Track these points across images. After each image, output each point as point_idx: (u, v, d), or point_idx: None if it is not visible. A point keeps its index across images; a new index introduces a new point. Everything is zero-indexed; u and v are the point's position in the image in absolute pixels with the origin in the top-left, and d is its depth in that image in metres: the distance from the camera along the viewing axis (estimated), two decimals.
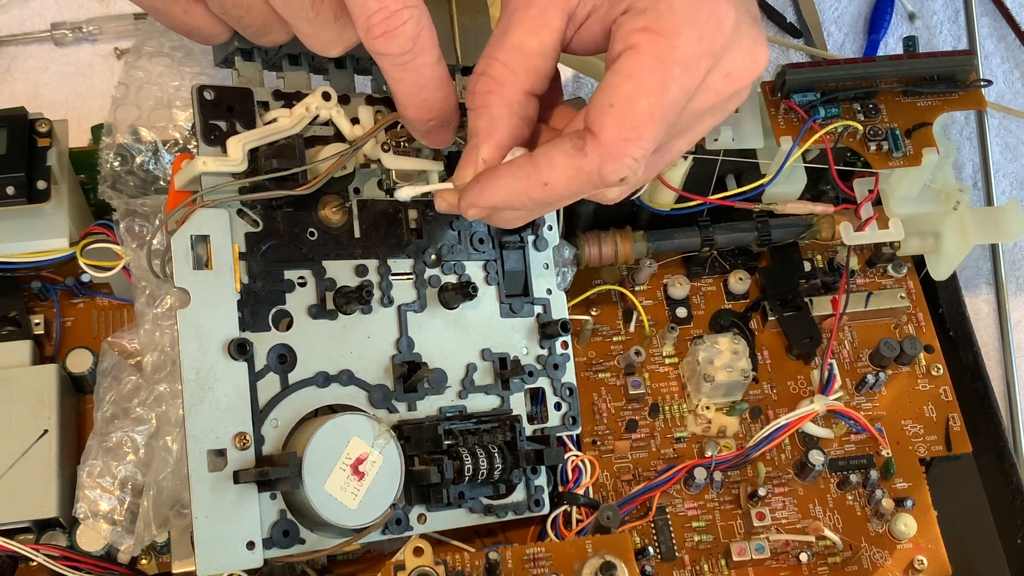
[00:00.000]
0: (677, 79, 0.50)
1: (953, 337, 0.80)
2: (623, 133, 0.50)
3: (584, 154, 0.51)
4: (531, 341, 0.69)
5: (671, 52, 0.50)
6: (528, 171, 0.52)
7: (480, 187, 0.54)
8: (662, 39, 0.50)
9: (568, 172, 0.51)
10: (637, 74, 0.50)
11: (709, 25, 0.50)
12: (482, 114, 0.53)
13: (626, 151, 0.50)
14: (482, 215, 0.55)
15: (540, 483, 0.67)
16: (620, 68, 0.50)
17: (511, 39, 0.52)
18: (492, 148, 0.54)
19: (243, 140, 0.60)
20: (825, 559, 0.71)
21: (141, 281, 0.66)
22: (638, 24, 0.50)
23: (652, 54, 0.50)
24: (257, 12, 0.55)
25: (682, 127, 0.54)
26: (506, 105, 0.53)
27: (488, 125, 0.53)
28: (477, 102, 0.53)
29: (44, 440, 0.66)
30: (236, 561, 0.58)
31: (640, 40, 0.50)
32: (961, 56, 0.74)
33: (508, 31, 0.52)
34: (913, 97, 0.75)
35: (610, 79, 0.50)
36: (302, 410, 0.61)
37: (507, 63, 0.52)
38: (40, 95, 0.87)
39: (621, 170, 0.51)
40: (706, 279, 0.80)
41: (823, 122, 0.72)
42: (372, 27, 0.51)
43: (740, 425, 0.75)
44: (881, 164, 0.73)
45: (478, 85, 0.53)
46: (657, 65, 0.50)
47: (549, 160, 0.52)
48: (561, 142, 0.52)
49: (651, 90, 0.50)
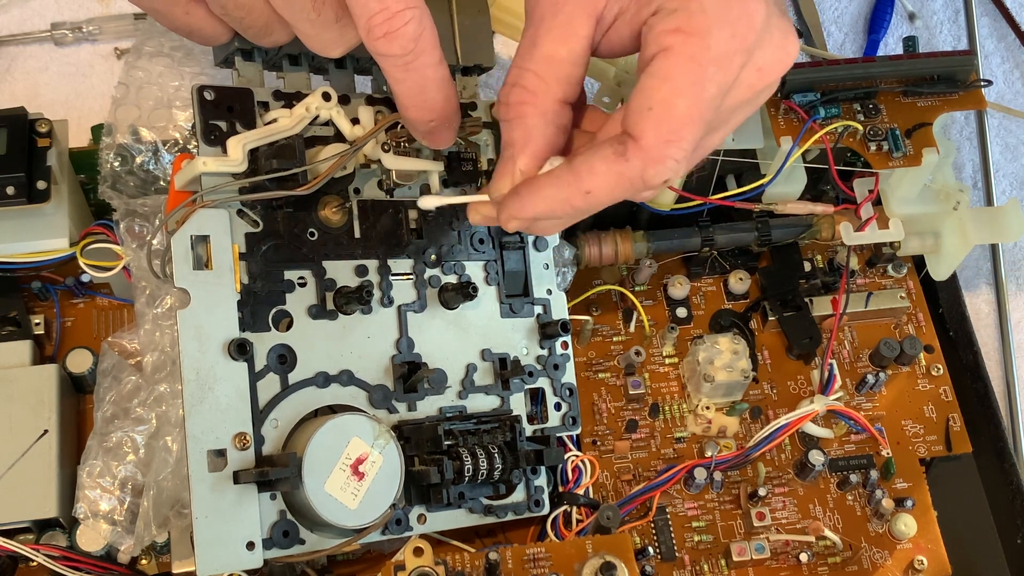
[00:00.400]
0: (712, 77, 0.50)
1: (953, 337, 0.80)
2: (664, 136, 0.50)
3: (626, 159, 0.50)
4: (531, 341, 0.69)
5: (705, 51, 0.49)
6: (569, 180, 0.52)
7: (521, 199, 0.53)
8: (695, 39, 0.49)
9: (611, 179, 0.51)
10: (673, 76, 0.50)
11: (741, 22, 0.50)
12: (517, 125, 0.53)
13: (668, 153, 0.50)
14: (522, 226, 0.55)
15: (540, 483, 0.67)
16: (655, 71, 0.50)
17: (541, 49, 0.52)
18: (529, 159, 0.53)
19: (243, 140, 0.60)
20: (825, 559, 0.71)
21: (141, 281, 0.66)
22: (669, 25, 0.50)
23: (686, 55, 0.49)
24: (258, 13, 0.55)
25: (717, 124, 0.54)
26: (541, 115, 0.53)
27: (524, 136, 0.53)
28: (511, 113, 0.53)
29: (44, 440, 0.66)
30: (236, 561, 0.58)
31: (673, 41, 0.50)
32: (961, 56, 0.74)
33: (537, 41, 0.52)
34: (913, 97, 0.75)
35: (645, 82, 0.50)
36: (302, 410, 0.61)
37: (539, 73, 0.52)
38: (40, 95, 0.87)
39: (664, 173, 0.51)
40: (706, 279, 0.80)
41: (823, 122, 0.72)
42: (374, 28, 0.51)
43: (740, 425, 0.75)
44: (881, 164, 0.73)
45: (511, 96, 0.53)
46: (692, 65, 0.49)
47: (590, 168, 0.51)
48: (601, 149, 0.51)
49: (688, 91, 0.50)
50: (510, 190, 0.54)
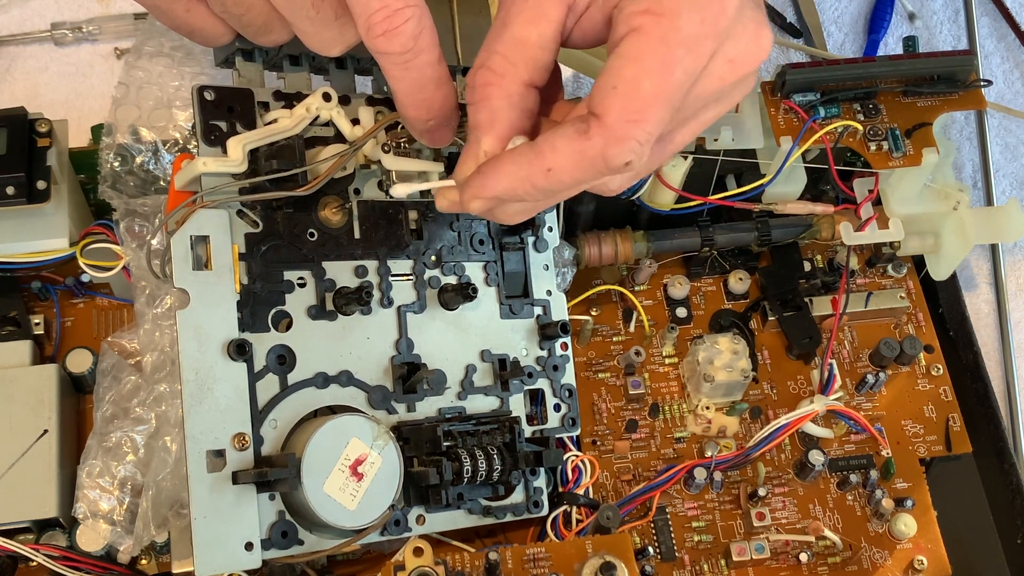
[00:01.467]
0: (681, 60, 0.49)
1: (953, 337, 0.80)
2: (628, 115, 0.49)
3: (588, 137, 0.50)
4: (531, 342, 0.69)
5: (674, 33, 0.49)
6: (530, 157, 0.51)
7: (482, 177, 0.53)
8: (664, 20, 0.49)
9: (572, 157, 0.51)
10: (640, 56, 0.49)
11: (712, 7, 0.50)
12: (482, 107, 0.53)
13: (631, 133, 0.49)
14: (485, 207, 0.54)
15: (539, 484, 0.67)
16: (623, 51, 0.50)
17: (510, 31, 0.52)
18: (493, 140, 0.53)
19: (243, 141, 0.60)
20: (825, 559, 0.71)
21: (141, 281, 0.66)
22: (640, 6, 0.49)
23: (655, 35, 0.49)
24: (258, 11, 0.55)
25: (686, 115, 0.53)
26: (506, 97, 0.52)
27: (488, 117, 0.53)
28: (477, 95, 0.53)
29: (44, 440, 0.66)
30: (235, 562, 0.58)
31: (642, 22, 0.49)
32: (961, 56, 0.74)
33: (507, 23, 0.52)
34: (913, 97, 0.75)
35: (613, 62, 0.50)
36: (301, 411, 0.61)
37: (506, 55, 0.52)
38: (40, 95, 0.87)
39: (626, 153, 0.50)
40: (706, 279, 0.80)
41: (823, 122, 0.72)
42: (373, 26, 0.51)
43: (740, 425, 0.75)
44: (881, 164, 0.73)
45: (477, 78, 0.53)
46: (660, 46, 0.49)
47: (552, 146, 0.51)
48: (564, 127, 0.51)
49: (655, 71, 0.49)
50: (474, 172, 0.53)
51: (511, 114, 0.53)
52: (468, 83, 0.53)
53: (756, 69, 0.53)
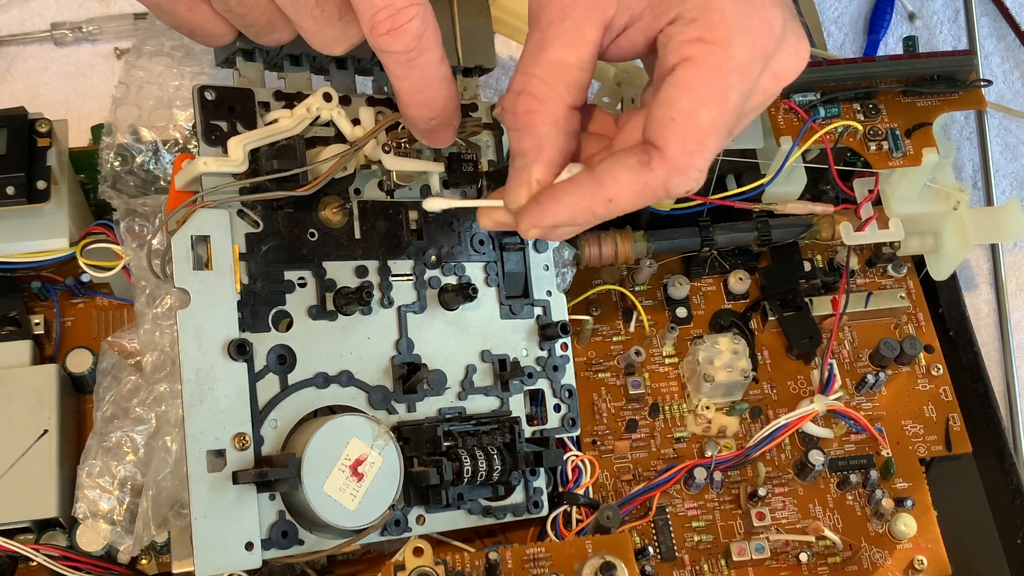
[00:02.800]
0: (735, 87, 0.50)
1: (953, 337, 0.80)
2: (688, 146, 0.50)
3: (651, 170, 0.50)
4: (531, 343, 0.69)
5: (727, 61, 0.50)
6: (593, 189, 0.52)
7: (542, 207, 0.53)
8: (717, 48, 0.49)
9: (634, 188, 0.51)
10: (696, 86, 0.50)
11: (762, 31, 0.50)
12: (527, 134, 0.53)
13: (692, 164, 0.50)
14: (542, 234, 0.55)
15: (539, 485, 0.67)
16: (678, 80, 0.50)
17: (548, 54, 0.51)
18: (544, 168, 0.53)
19: (244, 140, 0.60)
20: (825, 559, 0.71)
21: (141, 281, 0.66)
22: (691, 35, 0.50)
23: (709, 64, 0.49)
24: (261, 10, 0.55)
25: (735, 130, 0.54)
26: (552, 123, 0.52)
27: (536, 145, 0.53)
28: (520, 122, 0.52)
29: (44, 440, 0.66)
30: (235, 562, 0.58)
31: (695, 52, 0.50)
32: (961, 56, 0.74)
33: (544, 46, 0.52)
34: (913, 97, 0.75)
35: (668, 92, 0.50)
36: (301, 411, 0.61)
37: (546, 80, 0.52)
38: (40, 95, 0.87)
39: (687, 183, 0.51)
40: (706, 279, 0.80)
41: (823, 122, 0.72)
42: (377, 24, 0.51)
43: (740, 425, 0.75)
44: (881, 164, 0.73)
45: (520, 105, 0.52)
46: (715, 75, 0.50)
47: (613, 177, 0.51)
48: (624, 158, 0.51)
49: (712, 101, 0.50)
50: (531, 199, 0.53)
51: (559, 140, 0.53)
52: (507, 108, 0.53)
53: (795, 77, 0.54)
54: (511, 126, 0.53)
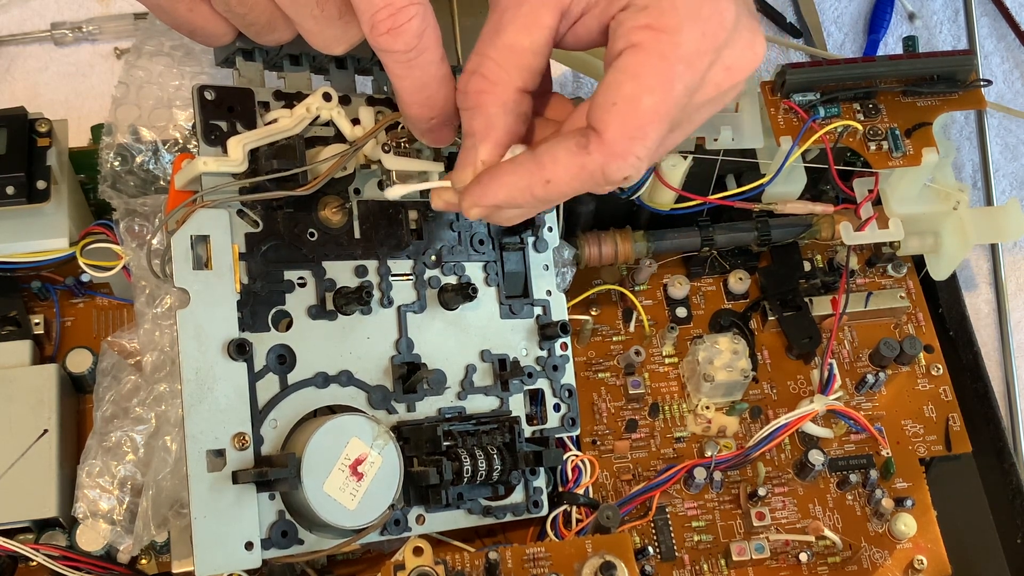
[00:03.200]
0: (680, 76, 0.50)
1: (953, 337, 0.80)
2: (628, 132, 0.50)
3: (588, 152, 0.50)
4: (530, 342, 0.69)
5: (674, 49, 0.49)
6: (531, 169, 0.52)
7: (482, 187, 0.53)
8: (665, 36, 0.49)
9: (572, 170, 0.51)
10: (640, 72, 0.50)
11: (712, 21, 0.50)
12: (477, 114, 0.53)
13: (631, 150, 0.50)
14: (484, 214, 0.55)
15: (539, 484, 0.67)
16: (623, 66, 0.50)
17: (503, 38, 0.52)
18: (491, 148, 0.53)
19: (244, 140, 0.60)
20: (825, 559, 0.71)
21: (141, 281, 0.66)
22: (640, 21, 0.50)
23: (656, 51, 0.49)
24: (262, 10, 0.55)
25: (681, 121, 0.53)
26: (500, 104, 0.53)
27: (484, 124, 0.53)
28: (471, 102, 0.53)
29: (44, 440, 0.66)
30: (234, 561, 0.58)
31: (643, 38, 0.50)
32: (961, 56, 0.74)
33: (500, 29, 0.52)
34: (913, 97, 0.75)
35: (612, 76, 0.50)
36: (301, 411, 0.61)
37: (500, 62, 0.52)
38: (40, 95, 0.87)
39: (625, 169, 0.51)
40: (706, 279, 0.80)
41: (823, 122, 0.72)
42: (378, 24, 0.51)
43: (740, 425, 0.75)
44: (881, 164, 0.73)
45: (471, 84, 0.53)
46: (661, 63, 0.50)
47: (552, 158, 0.51)
48: (564, 140, 0.51)
49: (655, 88, 0.50)
50: (473, 181, 0.54)
51: (507, 120, 0.53)
52: (460, 88, 0.53)
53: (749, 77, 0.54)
54: (463, 105, 0.53)
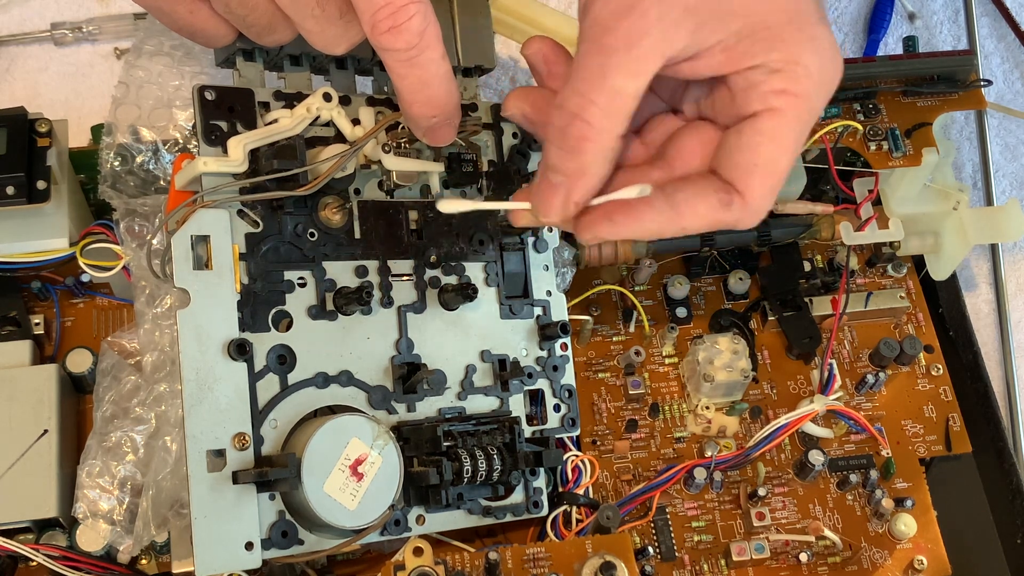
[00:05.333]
0: (807, 131, 0.52)
1: (953, 337, 0.80)
2: (767, 192, 0.52)
3: (730, 211, 0.52)
4: (530, 343, 0.69)
5: (809, 113, 0.51)
6: (670, 216, 0.53)
7: (614, 225, 0.53)
8: (802, 101, 0.51)
9: (708, 221, 0.53)
10: (779, 135, 0.51)
11: (835, 79, 0.52)
12: (573, 157, 0.51)
13: (764, 207, 0.53)
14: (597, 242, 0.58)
15: (539, 484, 0.67)
16: (763, 128, 0.51)
17: (611, 82, 0.50)
18: (583, 193, 0.52)
19: (244, 140, 0.60)
20: (825, 559, 0.71)
21: (141, 281, 0.66)
22: (776, 86, 0.51)
23: (792, 115, 0.51)
24: (262, 11, 0.55)
25: None
26: (601, 152, 0.51)
27: (579, 169, 0.52)
28: (569, 144, 0.51)
29: (44, 440, 0.66)
30: (235, 561, 0.58)
31: (781, 103, 0.51)
32: (961, 56, 0.74)
33: (606, 73, 0.50)
34: (913, 97, 0.75)
35: (752, 138, 0.51)
36: (301, 411, 0.61)
37: (605, 108, 0.50)
38: (40, 95, 0.87)
39: (753, 223, 0.53)
40: (706, 279, 0.80)
41: (823, 122, 0.72)
42: (379, 22, 0.51)
43: (740, 425, 0.75)
44: (881, 164, 0.73)
45: (573, 128, 0.51)
46: (798, 126, 0.51)
47: (693, 209, 0.52)
48: (706, 195, 0.52)
49: (791, 149, 0.52)
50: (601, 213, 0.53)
51: (603, 169, 0.52)
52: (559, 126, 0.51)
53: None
54: (557, 144, 0.52)
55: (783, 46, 0.50)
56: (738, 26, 0.50)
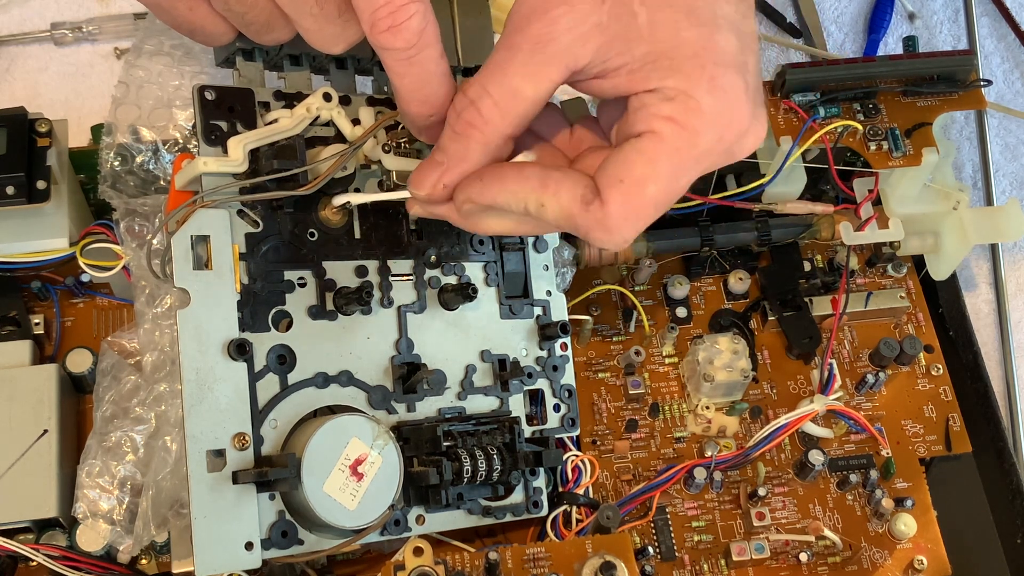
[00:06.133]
0: (688, 171, 0.51)
1: (953, 337, 0.80)
2: (626, 213, 0.51)
3: (587, 211, 0.52)
4: (530, 343, 0.69)
5: (691, 149, 0.51)
6: (535, 185, 0.53)
7: (484, 184, 0.54)
8: (686, 134, 0.50)
9: (565, 211, 0.52)
10: (654, 160, 0.51)
11: (730, 128, 0.51)
12: (458, 139, 0.53)
13: (621, 228, 0.52)
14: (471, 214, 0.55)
15: (539, 484, 0.67)
16: (641, 148, 0.51)
17: (510, 80, 0.51)
18: (454, 177, 0.54)
19: (244, 140, 0.60)
20: (825, 559, 0.71)
21: (141, 281, 0.66)
22: (664, 111, 0.51)
23: (673, 145, 0.51)
24: (261, 9, 0.55)
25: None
26: (484, 144, 0.53)
27: (460, 154, 0.54)
28: (458, 128, 0.53)
29: (44, 440, 0.66)
30: (234, 561, 0.58)
31: (664, 129, 0.51)
32: (961, 56, 0.74)
33: (508, 70, 0.51)
34: (913, 97, 0.75)
35: (628, 154, 0.51)
36: (301, 411, 0.61)
37: (499, 104, 0.52)
38: (40, 95, 0.87)
39: (609, 243, 0.52)
40: (706, 279, 0.80)
41: (823, 122, 0.72)
42: (378, 21, 0.51)
43: (740, 425, 0.75)
44: (881, 164, 0.73)
45: (465, 113, 0.53)
46: (675, 157, 0.51)
47: (557, 189, 0.52)
48: (575, 185, 0.52)
49: (662, 178, 0.51)
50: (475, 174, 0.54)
51: (481, 159, 0.54)
52: (455, 107, 0.53)
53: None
54: (449, 122, 0.54)
55: (680, 77, 0.50)
56: (644, 51, 0.51)
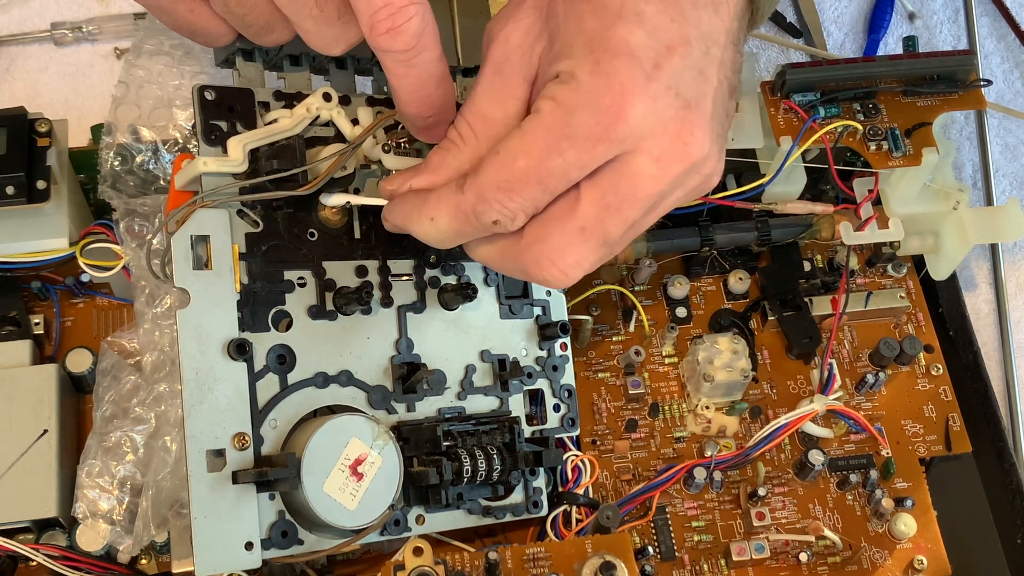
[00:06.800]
0: (562, 152, 0.51)
1: (953, 337, 0.80)
2: (498, 181, 0.52)
3: (463, 192, 0.53)
4: (530, 343, 0.69)
5: (563, 126, 0.51)
6: (416, 203, 0.56)
7: (390, 205, 0.58)
8: (560, 111, 0.51)
9: (450, 209, 0.54)
10: (528, 134, 0.52)
11: (608, 112, 0.51)
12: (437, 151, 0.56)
13: (496, 198, 0.52)
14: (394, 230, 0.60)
15: (539, 484, 0.67)
16: (523, 124, 0.53)
17: (479, 105, 0.55)
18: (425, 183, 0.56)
19: (244, 140, 0.60)
20: (825, 559, 0.71)
21: (141, 281, 0.66)
22: (550, 91, 0.52)
23: (547, 121, 0.52)
24: (260, 10, 0.55)
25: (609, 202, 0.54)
26: (457, 163, 0.55)
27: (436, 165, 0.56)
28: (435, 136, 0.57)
29: (44, 440, 0.66)
30: (234, 561, 0.58)
31: (543, 106, 0.52)
32: (961, 56, 0.74)
33: (475, 96, 0.55)
34: (913, 97, 0.75)
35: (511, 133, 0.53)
36: (301, 411, 0.61)
37: (472, 126, 0.55)
38: (40, 95, 0.87)
39: (491, 213, 0.53)
40: (706, 279, 0.80)
41: (823, 122, 0.72)
42: (377, 23, 0.51)
43: (740, 425, 0.75)
44: (881, 164, 0.73)
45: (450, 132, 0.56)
46: (547, 133, 0.52)
47: (437, 197, 0.55)
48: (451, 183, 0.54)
49: (533, 153, 0.52)
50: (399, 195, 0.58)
51: (452, 175, 0.55)
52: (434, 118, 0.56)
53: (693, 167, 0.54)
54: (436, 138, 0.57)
55: (571, 61, 0.52)
56: (559, 44, 0.53)
